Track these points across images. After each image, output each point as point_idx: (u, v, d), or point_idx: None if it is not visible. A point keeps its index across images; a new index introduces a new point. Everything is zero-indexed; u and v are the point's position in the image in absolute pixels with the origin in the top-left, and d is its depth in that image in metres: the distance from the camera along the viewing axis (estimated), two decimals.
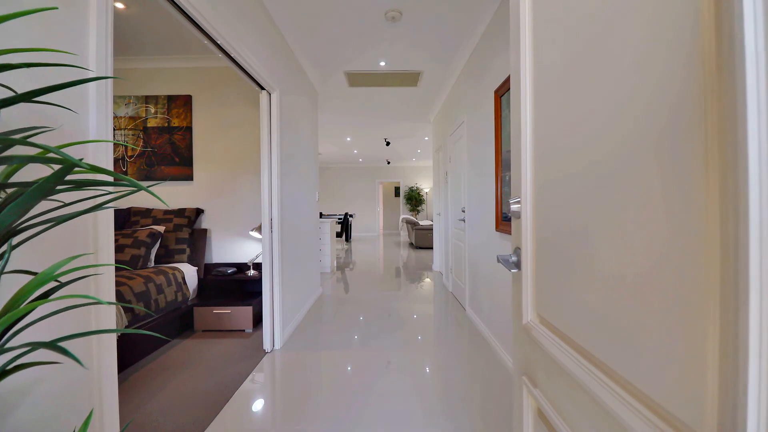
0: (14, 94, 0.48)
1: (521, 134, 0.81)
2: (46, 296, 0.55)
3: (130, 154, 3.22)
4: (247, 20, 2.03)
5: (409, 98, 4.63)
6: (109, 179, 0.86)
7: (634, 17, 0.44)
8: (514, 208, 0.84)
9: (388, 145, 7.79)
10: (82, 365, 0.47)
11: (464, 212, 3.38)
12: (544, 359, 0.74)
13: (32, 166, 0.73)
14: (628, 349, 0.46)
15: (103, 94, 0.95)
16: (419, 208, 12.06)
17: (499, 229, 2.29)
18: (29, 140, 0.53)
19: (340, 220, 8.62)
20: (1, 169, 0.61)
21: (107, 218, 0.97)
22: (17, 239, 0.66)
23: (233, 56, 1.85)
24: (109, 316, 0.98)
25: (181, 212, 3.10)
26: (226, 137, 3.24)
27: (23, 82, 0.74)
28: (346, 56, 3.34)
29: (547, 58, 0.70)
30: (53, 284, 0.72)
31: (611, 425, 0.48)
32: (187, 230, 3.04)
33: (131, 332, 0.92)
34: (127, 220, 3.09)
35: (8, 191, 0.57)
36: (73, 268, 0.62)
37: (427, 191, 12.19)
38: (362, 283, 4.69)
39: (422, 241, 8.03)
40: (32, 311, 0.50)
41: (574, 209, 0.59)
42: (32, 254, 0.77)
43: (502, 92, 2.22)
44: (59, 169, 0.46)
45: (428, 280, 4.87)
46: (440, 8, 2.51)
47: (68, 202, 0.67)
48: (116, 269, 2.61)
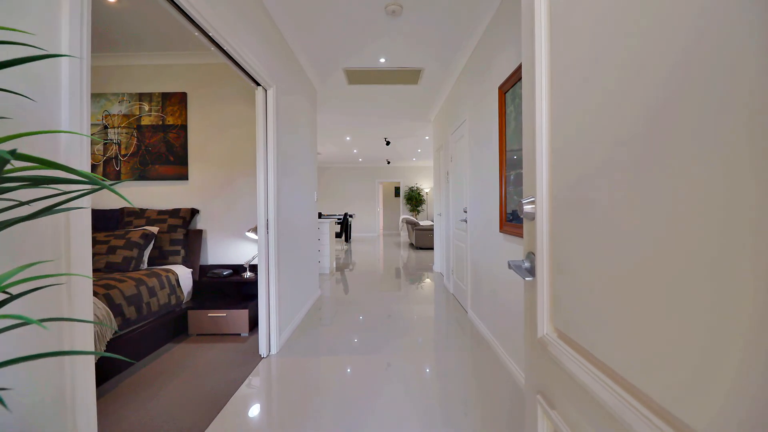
0: None
1: (535, 126, 0.73)
2: None
3: (123, 152, 3.14)
4: (240, 12, 1.95)
5: (409, 96, 4.55)
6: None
7: None
8: (527, 209, 0.76)
9: (388, 144, 7.71)
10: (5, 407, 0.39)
11: (466, 212, 3.30)
12: (563, 378, 0.66)
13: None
14: (674, 376, 0.38)
15: (77, 82, 0.87)
16: (419, 208, 11.98)
17: (503, 230, 2.21)
18: None
19: (339, 220, 8.55)
20: None
21: (81, 220, 0.88)
22: None
23: (226, 49, 1.77)
24: (84, 332, 0.89)
25: (175, 212, 3.02)
26: (222, 136, 3.16)
27: None
28: (345, 52, 3.26)
29: (570, 28, 0.62)
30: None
31: None
32: (181, 231, 2.96)
33: (87, 354, 0.79)
34: (120, 220, 3.01)
35: None
36: (26, 278, 0.54)
37: (427, 191, 12.11)
38: (362, 284, 4.61)
39: (422, 241, 7.95)
40: None
41: (606, 210, 0.51)
42: None
43: (506, 88, 2.14)
44: None
45: (429, 281, 4.79)
46: (442, 1, 2.43)
47: (25, 201, 0.59)
48: (108, 271, 2.53)
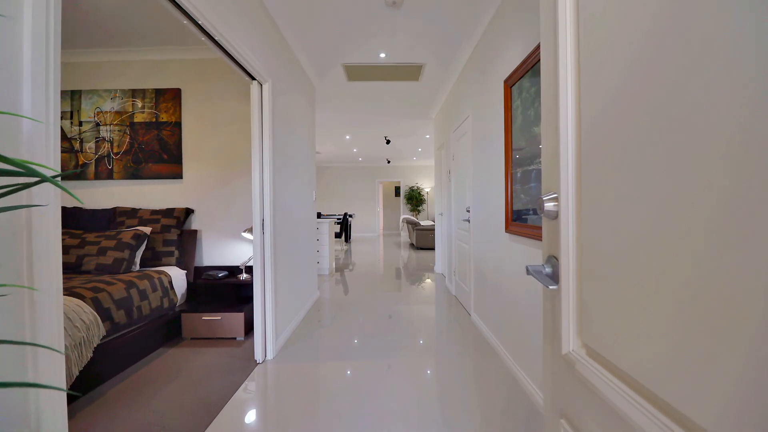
0: None
1: (559, 111, 0.64)
2: None
3: (116, 150, 3.04)
4: (233, 1, 1.85)
5: (410, 93, 4.46)
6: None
7: None
8: (548, 206, 0.66)
9: (388, 143, 7.61)
10: None
11: (469, 212, 3.21)
12: (594, 403, 0.56)
13: None
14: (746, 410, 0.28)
15: (41, 67, 0.77)
16: (420, 208, 11.89)
17: (509, 230, 2.12)
18: None
19: (339, 220, 8.45)
20: None
21: (47, 222, 0.79)
22: None
23: (217, 40, 1.68)
24: (52, 355, 0.79)
25: (169, 212, 2.92)
26: (218, 133, 3.06)
27: None
28: (344, 47, 3.16)
29: None
30: None
31: None
32: (175, 231, 2.87)
33: (48, 388, 0.67)
34: (112, 220, 2.91)
35: None
36: None
37: (428, 191, 12.02)
38: (362, 285, 4.51)
39: (423, 241, 7.86)
40: None
41: (658, 205, 0.42)
42: None
43: (512, 82, 2.04)
44: None
45: (430, 282, 4.69)
46: None
47: None
48: (98, 273, 2.43)
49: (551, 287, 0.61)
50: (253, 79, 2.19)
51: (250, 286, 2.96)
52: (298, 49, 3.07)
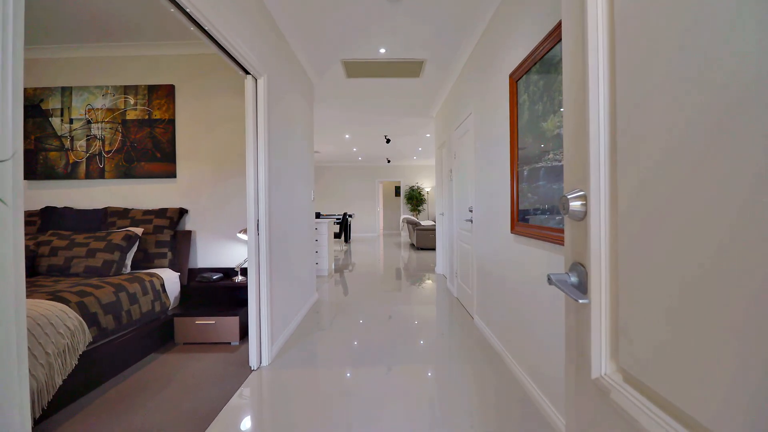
0: None
1: (589, 89, 0.54)
2: None
3: (107, 149, 2.95)
4: None
5: (410, 91, 4.36)
6: None
7: None
8: (574, 205, 0.57)
9: (388, 142, 7.52)
10: None
11: (471, 212, 3.12)
12: None
13: None
14: None
15: None
16: (420, 207, 11.79)
17: (515, 230, 2.02)
18: None
19: (338, 220, 8.35)
20: None
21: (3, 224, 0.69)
22: None
23: (207, 29, 1.58)
24: (13, 372, 0.69)
25: (162, 212, 2.83)
26: (212, 131, 2.97)
27: None
28: (343, 42, 3.07)
29: None
30: None
31: None
32: (168, 232, 2.77)
33: None
34: (103, 221, 2.82)
35: None
36: None
37: (428, 191, 11.92)
38: (361, 286, 4.42)
39: (424, 242, 7.76)
40: None
41: (723, 201, 0.32)
42: None
43: (518, 76, 1.95)
44: None
45: (431, 283, 4.60)
46: None
47: None
48: (87, 276, 2.34)
49: (581, 301, 0.52)
50: (247, 73, 2.10)
51: (245, 288, 2.86)
52: (296, 44, 2.98)
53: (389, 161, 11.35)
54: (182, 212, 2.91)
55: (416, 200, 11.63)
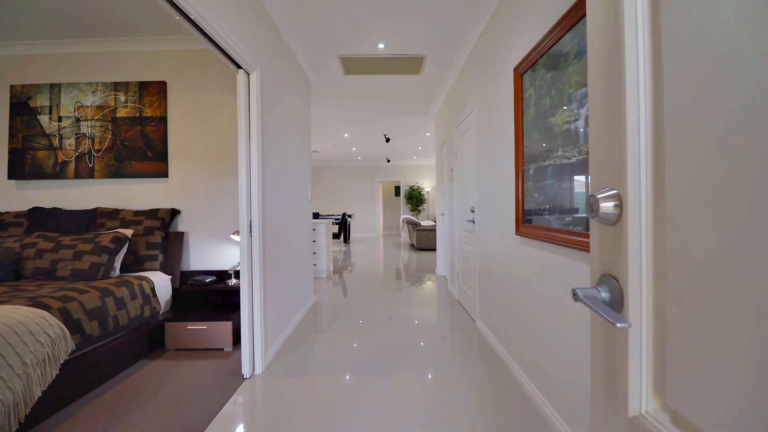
0: None
1: (626, 71, 0.45)
2: None
3: (97, 147, 2.85)
4: None
5: (410, 88, 4.27)
6: None
7: None
8: (605, 206, 0.48)
9: (387, 141, 7.43)
10: None
11: (473, 212, 3.02)
12: None
13: None
14: None
15: None
16: (420, 207, 11.70)
17: (520, 232, 1.93)
18: None
19: (337, 220, 8.25)
20: None
21: None
22: None
23: (193, 18, 1.49)
24: None
25: (153, 213, 2.73)
26: (206, 129, 2.87)
27: None
28: (340, 37, 2.97)
29: None
30: None
31: None
32: (160, 234, 2.68)
33: None
34: (92, 222, 2.73)
35: None
36: None
37: (428, 190, 11.83)
38: (361, 288, 4.32)
39: (424, 242, 7.67)
40: None
41: None
42: None
43: (523, 69, 1.85)
44: None
45: (431, 284, 4.50)
46: None
47: None
48: (73, 280, 2.24)
49: (620, 325, 0.42)
50: (239, 67, 2.00)
51: (239, 292, 2.76)
52: (291, 39, 2.88)
53: (389, 161, 11.25)
54: (174, 213, 2.81)
55: (416, 200, 11.53)
